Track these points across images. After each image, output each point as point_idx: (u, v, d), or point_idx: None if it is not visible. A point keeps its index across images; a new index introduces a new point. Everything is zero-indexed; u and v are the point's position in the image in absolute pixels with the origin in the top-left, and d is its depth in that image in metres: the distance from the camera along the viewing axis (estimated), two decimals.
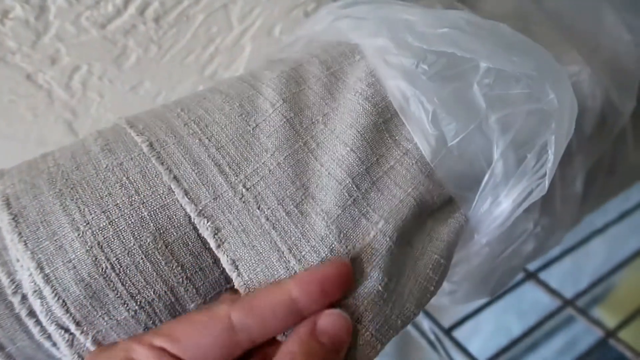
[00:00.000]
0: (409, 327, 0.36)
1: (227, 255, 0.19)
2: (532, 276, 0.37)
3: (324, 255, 0.20)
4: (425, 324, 0.34)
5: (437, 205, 0.25)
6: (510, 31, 0.24)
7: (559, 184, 0.30)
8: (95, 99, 0.29)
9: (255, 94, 0.23)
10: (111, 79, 0.29)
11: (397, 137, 0.23)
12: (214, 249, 0.19)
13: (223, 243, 0.19)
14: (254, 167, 0.21)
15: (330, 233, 0.20)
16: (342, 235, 0.20)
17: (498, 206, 0.25)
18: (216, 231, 0.19)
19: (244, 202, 0.20)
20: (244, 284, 0.19)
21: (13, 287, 0.19)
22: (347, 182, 0.21)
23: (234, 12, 0.31)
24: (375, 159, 0.22)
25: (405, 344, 0.62)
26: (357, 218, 0.21)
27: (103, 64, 0.28)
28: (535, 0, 0.30)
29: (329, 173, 0.21)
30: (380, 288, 0.20)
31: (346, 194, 0.21)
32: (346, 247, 0.20)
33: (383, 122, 0.23)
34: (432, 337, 0.34)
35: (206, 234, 0.19)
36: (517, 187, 0.25)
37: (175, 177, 0.19)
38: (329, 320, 0.18)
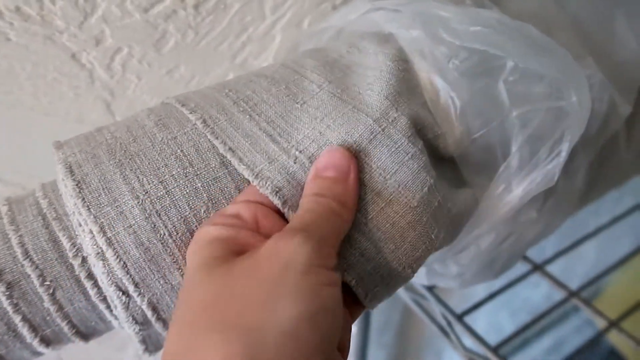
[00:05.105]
0: (420, 313, 0.38)
1: (295, 213, 0.20)
2: (538, 268, 0.39)
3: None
4: (437, 309, 0.35)
5: (453, 182, 0.27)
6: (537, 32, 0.25)
7: (562, 177, 0.32)
8: (133, 81, 0.30)
9: (300, 77, 0.24)
10: (150, 62, 0.30)
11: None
12: (279, 206, 0.20)
13: (287, 201, 0.20)
14: (304, 133, 0.22)
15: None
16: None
17: (509, 193, 0.27)
18: (277, 190, 0.20)
19: (298, 163, 0.21)
20: None
21: (74, 250, 0.20)
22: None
23: (267, 3, 0.32)
24: (417, 128, 0.24)
25: (415, 329, 0.63)
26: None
27: (143, 47, 0.29)
28: (557, 2, 0.31)
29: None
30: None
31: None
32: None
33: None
34: (443, 322, 0.35)
35: (267, 192, 0.20)
36: (529, 177, 0.26)
37: (230, 149, 0.20)
38: (326, 155, 0.20)
